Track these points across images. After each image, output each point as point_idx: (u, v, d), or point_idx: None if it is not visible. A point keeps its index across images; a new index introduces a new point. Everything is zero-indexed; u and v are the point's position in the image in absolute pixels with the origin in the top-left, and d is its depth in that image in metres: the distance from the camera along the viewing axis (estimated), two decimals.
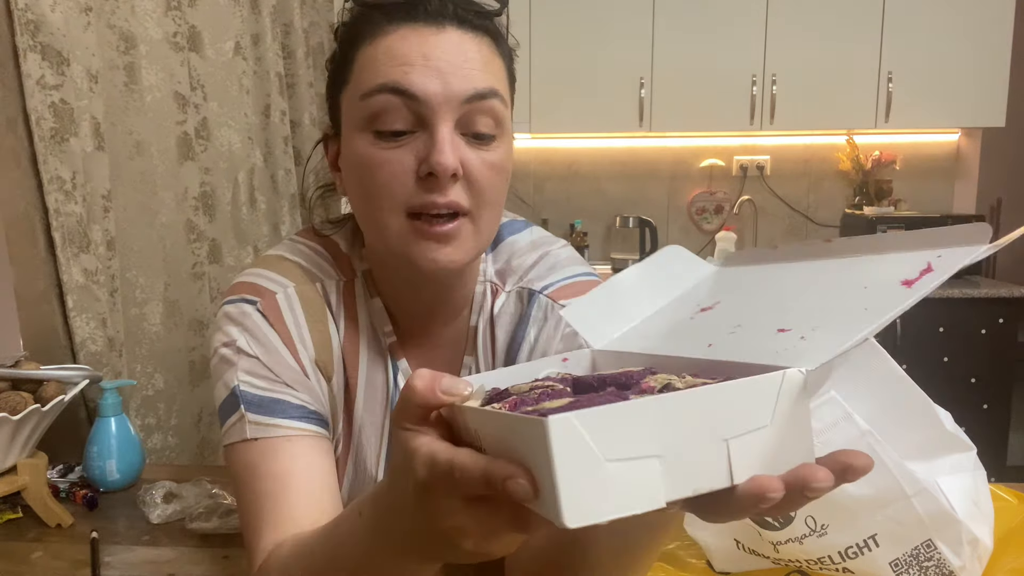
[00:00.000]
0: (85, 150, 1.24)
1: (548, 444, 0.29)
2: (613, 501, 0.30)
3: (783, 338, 0.38)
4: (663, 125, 2.93)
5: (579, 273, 0.78)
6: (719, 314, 0.47)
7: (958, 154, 3.13)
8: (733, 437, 0.32)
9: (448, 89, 0.61)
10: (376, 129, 0.62)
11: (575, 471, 0.30)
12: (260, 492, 0.64)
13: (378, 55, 0.62)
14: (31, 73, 1.14)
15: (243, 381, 0.68)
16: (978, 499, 0.66)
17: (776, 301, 0.44)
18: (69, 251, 1.21)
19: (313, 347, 0.72)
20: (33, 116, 1.15)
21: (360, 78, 0.63)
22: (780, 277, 0.47)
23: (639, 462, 0.31)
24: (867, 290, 0.39)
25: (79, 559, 0.84)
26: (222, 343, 0.70)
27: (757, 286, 0.48)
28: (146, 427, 1.42)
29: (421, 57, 0.61)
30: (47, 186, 1.17)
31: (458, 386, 0.38)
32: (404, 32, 0.62)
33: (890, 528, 0.63)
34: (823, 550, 0.66)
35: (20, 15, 1.13)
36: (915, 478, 0.62)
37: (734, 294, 0.49)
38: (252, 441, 0.66)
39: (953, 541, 0.63)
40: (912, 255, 0.39)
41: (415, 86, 0.60)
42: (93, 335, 1.25)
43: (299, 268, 0.74)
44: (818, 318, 0.38)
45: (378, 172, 0.63)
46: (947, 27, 2.76)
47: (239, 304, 0.71)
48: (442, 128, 0.61)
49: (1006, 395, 2.62)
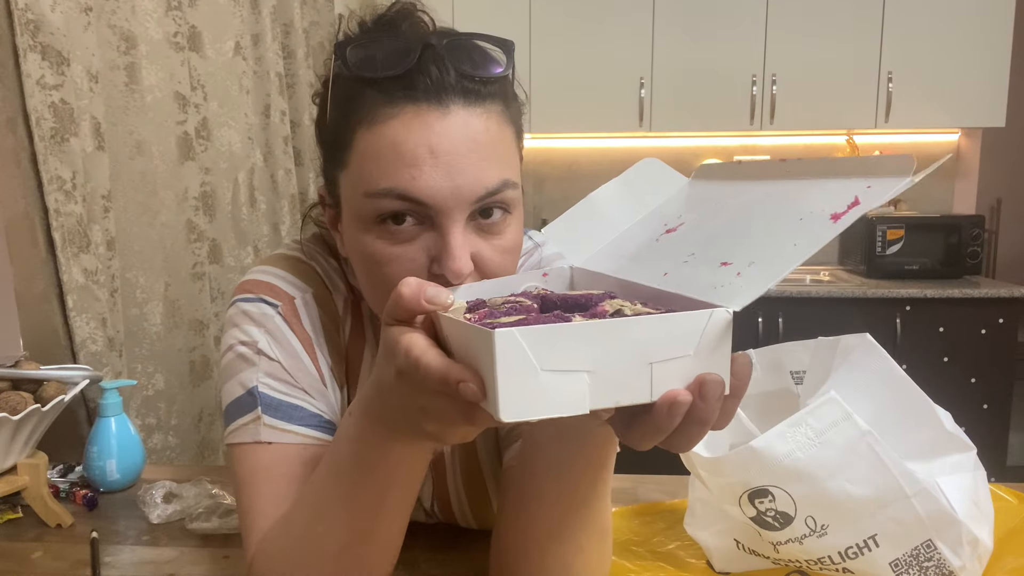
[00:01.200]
0: (85, 150, 1.24)
1: (493, 352, 0.35)
2: (544, 404, 0.37)
3: (723, 272, 0.44)
4: (663, 125, 2.93)
5: None
6: (679, 238, 0.52)
7: (958, 154, 3.13)
8: (657, 362, 0.38)
9: (458, 191, 0.57)
10: (383, 224, 0.59)
11: (514, 376, 0.36)
12: (265, 494, 0.64)
13: (381, 149, 0.57)
14: (31, 73, 1.14)
15: (263, 383, 0.67)
16: (978, 499, 0.66)
17: (727, 227, 0.49)
18: (69, 251, 1.21)
19: (330, 355, 0.72)
20: (33, 116, 1.15)
21: (362, 172, 0.59)
22: (736, 197, 0.53)
23: (570, 374, 0.37)
24: (801, 222, 0.45)
25: (79, 559, 0.84)
26: (240, 340, 0.69)
27: (716, 207, 0.53)
28: (146, 427, 1.42)
29: (428, 153, 0.56)
30: (47, 186, 1.17)
31: (440, 295, 0.43)
32: (407, 118, 0.57)
33: (890, 528, 0.63)
34: (823, 550, 0.66)
35: (20, 15, 1.13)
36: (915, 478, 0.62)
37: (696, 214, 0.55)
38: (265, 444, 0.65)
39: (953, 541, 0.63)
40: (846, 183, 0.45)
41: (423, 193, 0.56)
42: (93, 335, 1.25)
43: (315, 273, 0.73)
44: (756, 252, 0.44)
45: (387, 267, 0.59)
46: (947, 27, 2.76)
47: (259, 304, 0.70)
48: (454, 230, 0.57)
49: (1006, 395, 2.62)
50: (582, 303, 0.45)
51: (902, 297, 2.59)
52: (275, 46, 1.82)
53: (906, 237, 2.78)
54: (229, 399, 0.68)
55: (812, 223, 0.44)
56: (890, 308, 2.61)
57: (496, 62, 0.61)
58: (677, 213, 0.56)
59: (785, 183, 0.50)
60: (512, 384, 0.36)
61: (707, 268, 0.45)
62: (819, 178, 0.48)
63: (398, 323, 0.44)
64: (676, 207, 0.58)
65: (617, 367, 0.37)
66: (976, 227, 2.75)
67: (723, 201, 0.53)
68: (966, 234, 2.75)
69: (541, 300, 0.46)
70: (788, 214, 0.46)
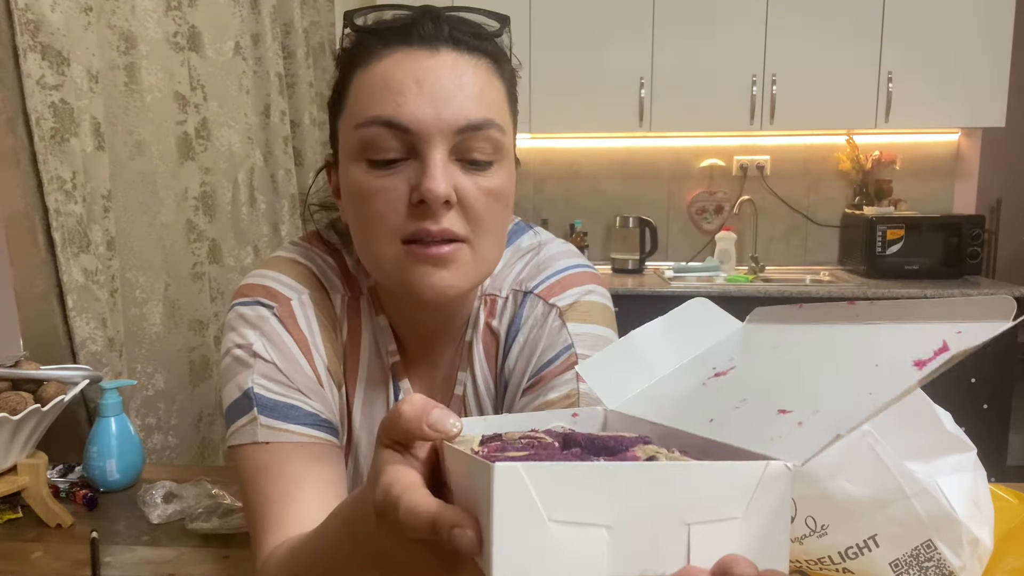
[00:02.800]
0: (85, 150, 1.24)
1: (491, 490, 0.28)
2: (550, 567, 0.29)
3: (781, 421, 0.37)
4: (663, 125, 2.93)
5: (571, 266, 0.76)
6: (730, 382, 0.46)
7: (958, 154, 3.13)
8: (697, 523, 0.30)
9: (440, 119, 0.59)
10: (369, 158, 0.62)
11: (515, 525, 0.28)
12: (269, 494, 0.64)
13: (373, 82, 0.61)
14: (31, 73, 1.14)
15: (258, 384, 0.67)
16: (978, 499, 0.66)
17: (787, 372, 0.43)
18: (69, 251, 1.21)
19: (326, 355, 0.72)
20: (33, 116, 1.15)
21: (355, 107, 0.63)
22: (797, 342, 0.46)
23: (586, 529, 0.29)
24: (878, 368, 0.38)
25: (79, 559, 0.84)
26: (236, 344, 0.69)
27: (773, 351, 0.47)
28: (146, 427, 1.42)
29: (414, 83, 0.60)
30: (47, 186, 1.17)
31: (446, 422, 0.36)
32: (399, 56, 0.61)
33: (890, 528, 0.63)
34: (823, 550, 0.66)
35: (20, 15, 1.13)
36: (915, 478, 0.62)
37: (749, 358, 0.48)
38: (263, 444, 0.66)
39: (953, 541, 0.63)
40: (932, 327, 0.38)
41: (405, 118, 0.59)
42: (93, 335, 1.25)
43: (311, 274, 0.74)
44: (822, 400, 0.37)
45: (372, 200, 0.62)
46: (947, 27, 2.76)
47: (255, 307, 0.70)
48: (433, 155, 0.60)
49: (1006, 395, 2.62)
50: (610, 445, 0.37)
51: (902, 297, 2.59)
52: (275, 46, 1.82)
53: (906, 237, 2.78)
54: (228, 402, 0.69)
55: (891, 370, 0.37)
56: None
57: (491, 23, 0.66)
58: (728, 355, 0.50)
59: (855, 327, 0.44)
60: (511, 534, 0.29)
61: (761, 415, 0.38)
62: (895, 322, 0.41)
63: (394, 445, 0.38)
64: (727, 350, 0.51)
65: (645, 525, 0.30)
66: (976, 227, 2.75)
67: (781, 344, 0.47)
68: (966, 234, 2.75)
69: (563, 438, 0.39)
70: (860, 360, 0.39)
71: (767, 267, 3.10)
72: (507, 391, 0.75)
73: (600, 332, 0.74)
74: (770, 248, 3.23)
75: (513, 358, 0.74)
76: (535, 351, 0.73)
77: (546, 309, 0.73)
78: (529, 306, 0.74)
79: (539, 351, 0.72)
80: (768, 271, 3.07)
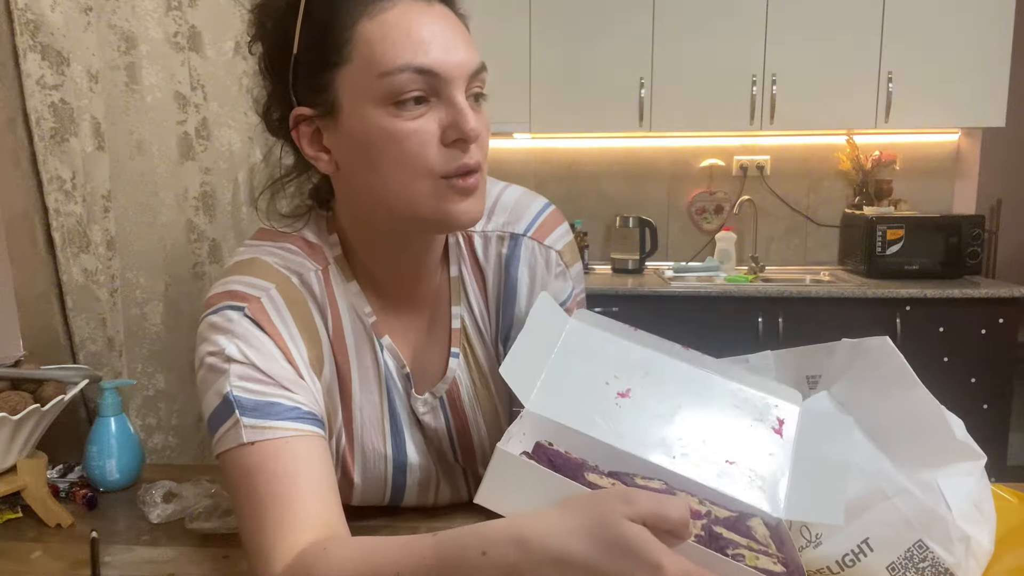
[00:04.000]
0: (85, 150, 1.24)
1: None
2: None
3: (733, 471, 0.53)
4: (663, 125, 2.93)
5: (543, 207, 0.85)
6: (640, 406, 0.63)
7: (958, 154, 3.13)
8: None
9: (461, 64, 0.66)
10: (397, 101, 0.65)
11: None
12: (264, 494, 0.63)
13: (388, 32, 0.65)
14: (31, 73, 1.14)
15: (236, 387, 0.67)
16: (980, 503, 0.66)
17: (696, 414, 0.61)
18: (69, 251, 1.21)
19: (305, 346, 0.72)
20: (33, 116, 1.15)
21: (373, 57, 0.65)
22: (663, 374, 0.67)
23: None
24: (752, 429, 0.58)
25: (79, 559, 0.84)
26: (208, 353, 0.69)
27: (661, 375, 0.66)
28: (146, 427, 1.42)
29: (430, 34, 0.65)
30: (47, 186, 1.17)
31: None
32: (403, 7, 0.65)
33: (879, 531, 0.63)
34: (821, 560, 0.66)
35: (20, 15, 1.13)
36: (894, 479, 0.62)
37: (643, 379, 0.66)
38: (249, 445, 0.65)
39: (943, 539, 0.63)
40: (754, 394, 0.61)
41: (436, 64, 0.65)
42: (93, 335, 1.25)
43: (273, 268, 0.74)
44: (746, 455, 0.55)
45: (405, 142, 0.66)
46: (947, 27, 2.76)
47: (223, 312, 0.70)
48: (460, 97, 0.66)
49: (1006, 395, 2.62)
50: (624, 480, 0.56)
51: (902, 297, 2.59)
52: None
53: (906, 237, 2.78)
54: (208, 412, 0.69)
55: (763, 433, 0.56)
56: (890, 308, 2.60)
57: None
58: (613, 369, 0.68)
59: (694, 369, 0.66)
60: None
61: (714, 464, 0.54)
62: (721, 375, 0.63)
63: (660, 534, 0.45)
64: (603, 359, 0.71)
65: None
66: (976, 227, 2.75)
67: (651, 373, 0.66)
68: (966, 234, 2.75)
69: None
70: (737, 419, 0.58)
71: (767, 267, 3.10)
72: (518, 328, 0.80)
73: (580, 266, 0.88)
74: (770, 248, 3.23)
75: (523, 299, 0.81)
76: (544, 289, 0.82)
77: (544, 252, 0.83)
78: (525, 248, 0.82)
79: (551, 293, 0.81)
80: (768, 271, 3.07)
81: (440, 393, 0.81)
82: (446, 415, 0.82)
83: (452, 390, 0.81)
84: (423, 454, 0.83)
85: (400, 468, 0.82)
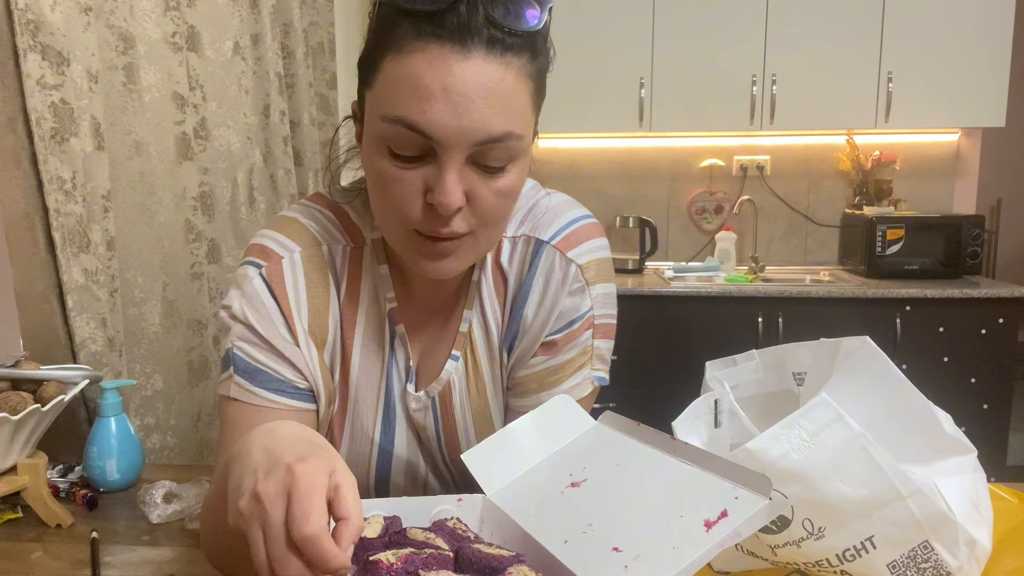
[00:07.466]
0: (85, 150, 1.24)
1: None
2: None
3: (614, 560, 0.50)
4: (663, 125, 2.93)
5: (580, 216, 0.80)
6: (581, 497, 0.60)
7: (958, 154, 3.13)
8: None
9: (461, 131, 0.61)
10: (390, 148, 0.64)
11: None
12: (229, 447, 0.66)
13: (401, 78, 0.61)
14: (31, 73, 1.14)
15: (236, 346, 0.74)
16: (977, 501, 0.66)
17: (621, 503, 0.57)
18: (69, 251, 1.21)
19: (308, 314, 0.76)
20: (33, 116, 1.15)
21: (382, 96, 0.63)
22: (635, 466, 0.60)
23: None
24: (682, 520, 0.51)
25: (79, 559, 0.84)
26: (223, 305, 0.76)
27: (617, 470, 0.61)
28: (145, 427, 1.42)
29: (441, 91, 0.60)
30: (47, 186, 1.17)
31: None
32: (430, 54, 0.60)
33: (886, 530, 0.63)
34: (821, 553, 0.66)
35: (20, 15, 1.13)
36: (909, 479, 0.62)
37: (598, 471, 0.62)
38: (233, 400, 0.73)
39: (950, 542, 0.63)
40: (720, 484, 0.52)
41: (430, 127, 0.60)
42: (93, 335, 1.25)
43: (308, 232, 0.78)
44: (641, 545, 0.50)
45: (390, 187, 0.65)
46: (947, 27, 2.76)
47: (247, 266, 0.76)
48: (450, 167, 0.62)
49: (1006, 395, 2.62)
50: (493, 565, 0.51)
51: (902, 297, 2.59)
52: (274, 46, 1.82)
53: (906, 237, 2.78)
54: (222, 353, 0.76)
55: (688, 526, 0.50)
56: (890, 308, 2.60)
57: (529, 13, 0.63)
58: (582, 465, 0.64)
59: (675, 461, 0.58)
60: None
61: (601, 549, 0.52)
62: (700, 468, 0.55)
63: None
64: (582, 454, 0.65)
65: None
66: (976, 227, 2.75)
67: (623, 465, 0.61)
68: (966, 234, 2.75)
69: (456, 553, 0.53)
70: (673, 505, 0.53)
71: (767, 267, 3.10)
72: (523, 337, 0.79)
73: (610, 290, 0.81)
74: (770, 248, 3.23)
75: (532, 307, 0.78)
76: (555, 306, 0.78)
77: (564, 264, 0.77)
78: (545, 257, 0.78)
79: (560, 309, 0.77)
80: (768, 271, 3.07)
81: (433, 393, 0.81)
82: (435, 416, 0.82)
83: (445, 392, 0.81)
84: (412, 449, 0.84)
85: (385, 456, 0.83)
